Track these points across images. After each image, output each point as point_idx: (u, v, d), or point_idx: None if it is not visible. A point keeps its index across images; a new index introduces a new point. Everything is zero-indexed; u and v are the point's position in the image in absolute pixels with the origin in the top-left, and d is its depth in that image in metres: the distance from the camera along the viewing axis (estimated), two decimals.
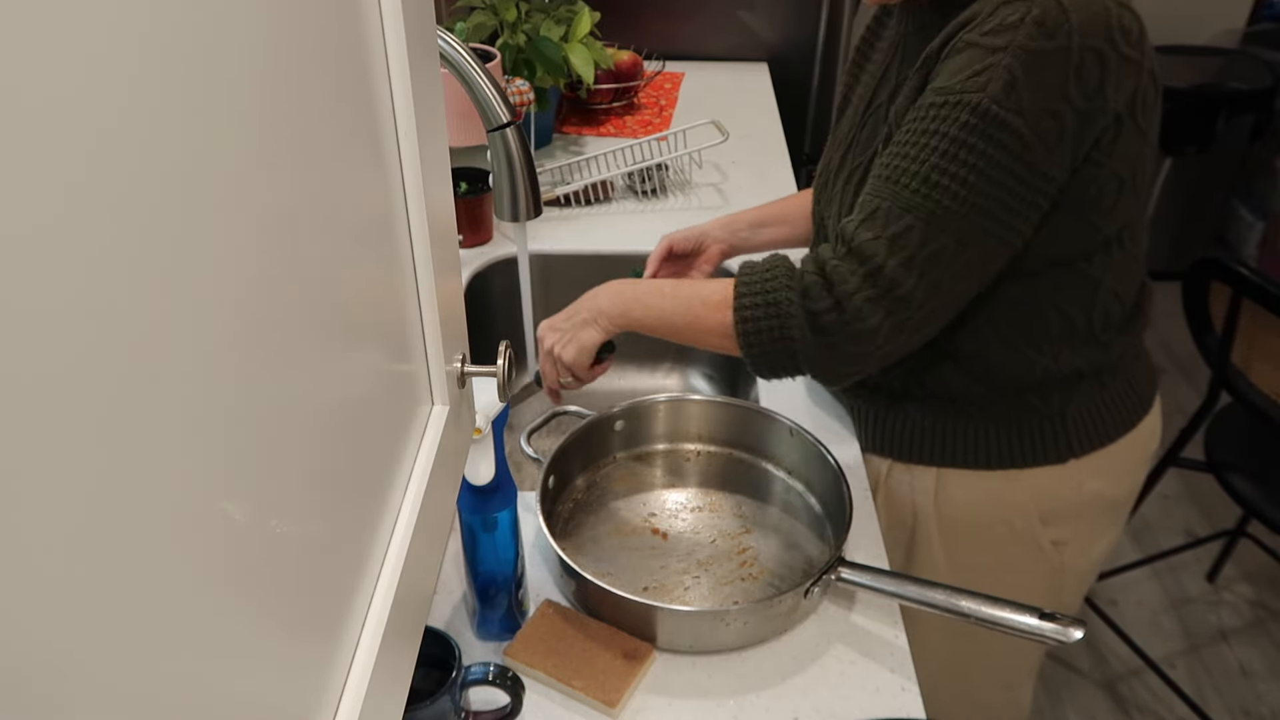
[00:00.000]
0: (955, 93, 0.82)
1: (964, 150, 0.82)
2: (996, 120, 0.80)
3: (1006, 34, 0.80)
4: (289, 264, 0.35)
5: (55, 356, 0.22)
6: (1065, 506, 1.07)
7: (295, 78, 0.36)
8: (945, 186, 0.82)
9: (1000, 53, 0.80)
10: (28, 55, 0.21)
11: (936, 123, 0.83)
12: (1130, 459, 1.09)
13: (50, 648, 0.22)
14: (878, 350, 0.88)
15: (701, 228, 1.24)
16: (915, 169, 0.84)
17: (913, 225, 0.84)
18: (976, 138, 0.81)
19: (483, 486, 0.83)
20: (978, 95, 0.81)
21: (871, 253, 0.85)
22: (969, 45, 0.83)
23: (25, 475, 0.21)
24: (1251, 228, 3.03)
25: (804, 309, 0.88)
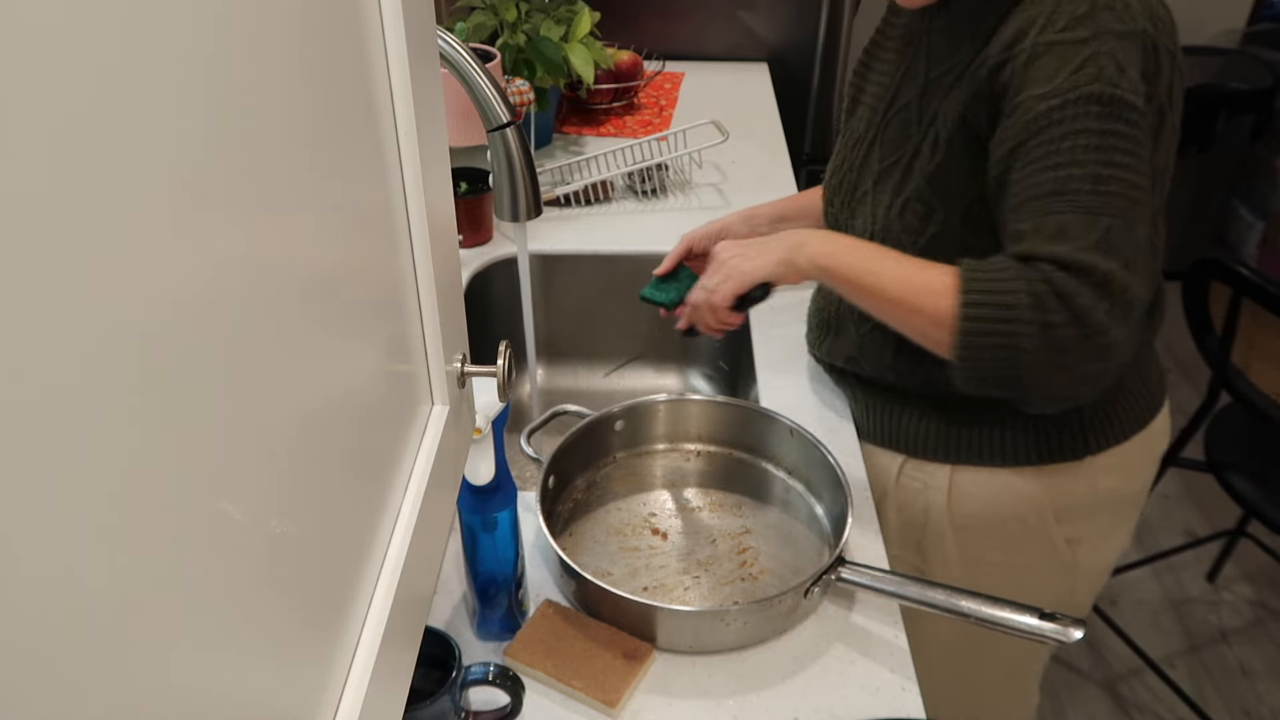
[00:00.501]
0: (1068, 91, 0.81)
1: (1112, 138, 0.81)
2: (1123, 102, 0.81)
3: (1087, 24, 0.81)
4: (288, 264, 0.35)
5: (55, 357, 0.22)
6: (1080, 504, 1.06)
7: (295, 78, 0.36)
8: (1118, 178, 0.81)
9: (1091, 42, 0.81)
10: (28, 56, 0.21)
11: (1069, 124, 0.81)
12: (1143, 456, 1.09)
13: (50, 648, 0.22)
14: (1113, 366, 0.84)
15: (721, 222, 1.23)
16: (1080, 173, 0.81)
17: (1110, 226, 0.81)
18: (1117, 123, 0.81)
19: (483, 486, 0.83)
20: (1096, 85, 0.80)
21: (1090, 263, 0.81)
22: (1050, 46, 0.83)
23: (25, 476, 0.21)
24: (1251, 228, 3.03)
25: (1039, 319, 0.82)
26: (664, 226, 1.55)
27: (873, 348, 1.08)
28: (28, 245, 0.21)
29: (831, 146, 2.20)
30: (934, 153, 0.93)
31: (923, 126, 0.95)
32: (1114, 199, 0.81)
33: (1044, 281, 0.82)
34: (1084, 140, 0.81)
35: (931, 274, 0.89)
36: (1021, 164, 0.85)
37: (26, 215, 0.21)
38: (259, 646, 0.33)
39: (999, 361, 0.85)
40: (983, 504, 1.06)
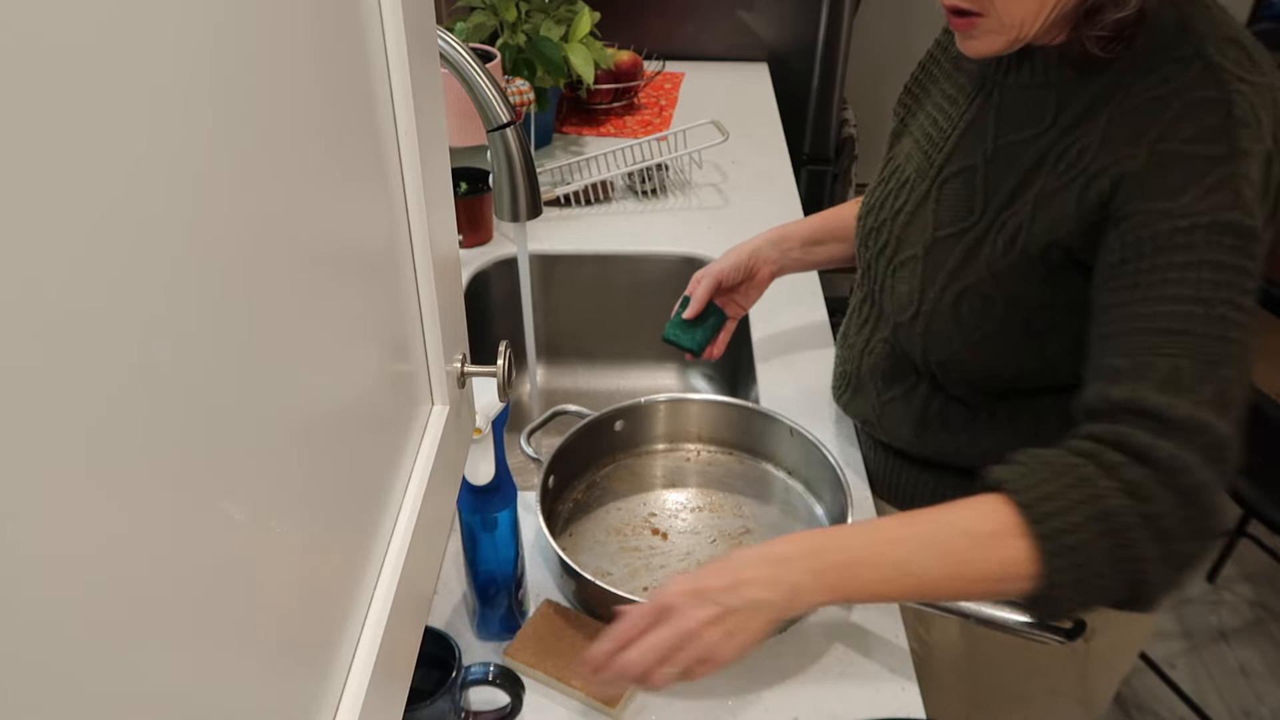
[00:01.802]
0: (1201, 213, 0.70)
1: (1241, 276, 0.71)
2: (1254, 235, 0.71)
3: (1221, 141, 0.71)
4: (288, 264, 0.35)
5: (55, 357, 0.22)
6: None
7: (294, 79, 0.36)
8: (1242, 323, 0.70)
9: (1228, 162, 0.70)
10: (31, 63, 0.21)
11: (1198, 251, 0.70)
12: None
13: (50, 648, 0.22)
14: (1217, 533, 0.72)
15: (749, 247, 1.13)
16: (1202, 310, 0.70)
17: (1229, 377, 0.71)
18: (1245, 259, 0.71)
19: (483, 486, 0.83)
20: (1235, 213, 0.70)
21: (1204, 423, 0.69)
22: (1176, 155, 0.72)
23: (25, 478, 0.21)
24: None
25: (1143, 518, 0.68)
26: (664, 226, 1.55)
27: (891, 417, 1.01)
28: (27, 244, 0.21)
29: (831, 147, 2.18)
30: (1009, 248, 0.82)
31: (991, 206, 0.84)
32: (1235, 346, 0.70)
33: (1138, 463, 0.69)
34: (1211, 274, 0.70)
35: (969, 519, 0.71)
36: (1128, 286, 0.73)
37: (27, 214, 0.21)
38: (259, 646, 0.33)
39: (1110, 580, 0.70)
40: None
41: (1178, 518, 0.68)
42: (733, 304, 1.17)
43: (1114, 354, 0.73)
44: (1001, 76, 0.85)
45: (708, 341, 1.15)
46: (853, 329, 1.06)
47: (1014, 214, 0.82)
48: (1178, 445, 0.68)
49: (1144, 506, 0.68)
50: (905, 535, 0.72)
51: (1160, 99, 0.73)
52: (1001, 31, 0.77)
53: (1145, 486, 0.68)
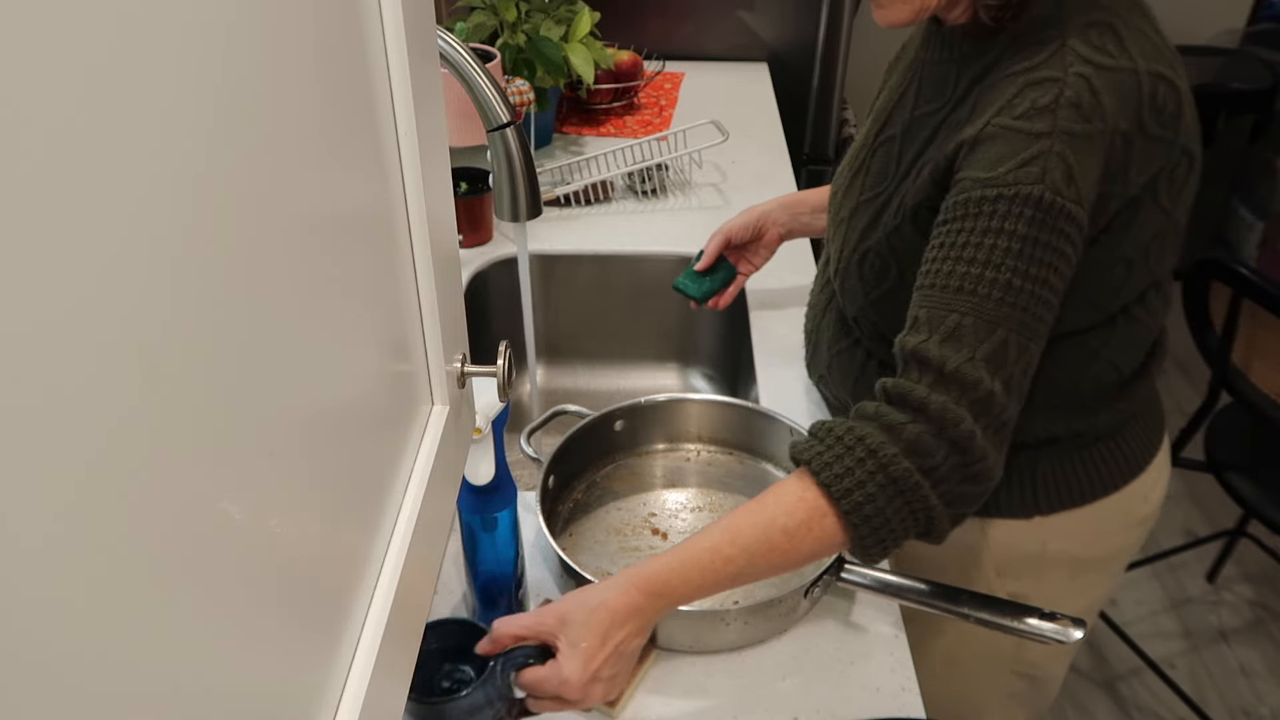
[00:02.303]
0: (1009, 184, 0.76)
1: (1038, 249, 0.76)
2: (1062, 212, 0.75)
3: (1045, 118, 0.76)
4: (289, 265, 0.35)
5: (55, 357, 0.22)
6: (1025, 561, 1.01)
7: (295, 78, 0.36)
8: (1029, 291, 0.76)
9: (1045, 138, 0.75)
10: (37, 59, 0.21)
11: (999, 220, 0.76)
12: (1112, 522, 1.01)
13: (50, 648, 0.22)
14: (992, 480, 0.79)
15: (761, 209, 1.19)
16: (993, 275, 0.76)
17: (1006, 340, 0.76)
18: (1048, 233, 0.76)
19: (483, 486, 0.83)
20: (1037, 187, 0.75)
21: (974, 378, 0.76)
22: (1004, 130, 0.77)
23: (26, 476, 0.21)
24: (1251, 228, 3.03)
25: (921, 470, 0.76)
26: (664, 226, 1.55)
27: (836, 373, 1.05)
28: (27, 243, 0.21)
29: (831, 147, 2.20)
30: (897, 213, 0.88)
31: (898, 172, 0.90)
32: (1016, 311, 0.76)
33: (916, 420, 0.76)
34: (1005, 242, 0.76)
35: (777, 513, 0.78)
36: (939, 245, 0.80)
37: (26, 213, 0.21)
38: (259, 646, 0.33)
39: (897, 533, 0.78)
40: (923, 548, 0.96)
41: (950, 464, 0.76)
42: (744, 261, 1.24)
43: (918, 305, 0.80)
44: (925, 55, 0.92)
45: (713, 293, 1.22)
46: (815, 289, 1.12)
47: (909, 182, 0.88)
48: (951, 398, 0.76)
49: (923, 461, 0.76)
50: (735, 552, 0.78)
51: (1011, 76, 0.80)
52: (907, 1, 0.82)
53: (923, 441, 0.76)
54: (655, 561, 0.79)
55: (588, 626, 0.76)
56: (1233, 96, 2.84)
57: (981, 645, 1.09)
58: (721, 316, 1.48)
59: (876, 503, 0.76)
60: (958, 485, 0.77)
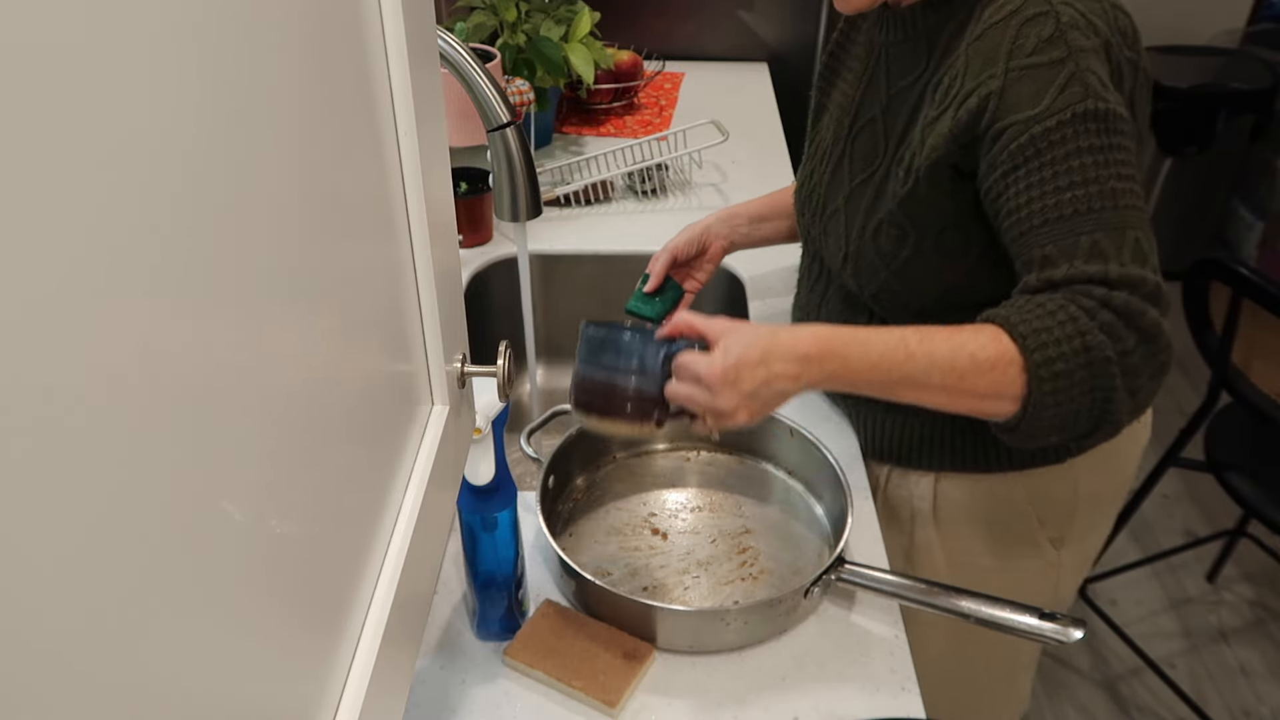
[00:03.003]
0: (1062, 110, 0.80)
1: (1115, 152, 0.80)
2: (1115, 115, 0.80)
3: (1057, 45, 0.80)
4: (288, 265, 0.35)
5: (55, 357, 0.22)
6: (1061, 505, 1.07)
7: (295, 78, 0.36)
8: (1129, 190, 0.81)
9: (1068, 62, 0.80)
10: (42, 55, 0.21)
11: (1071, 143, 0.80)
12: (1127, 454, 1.09)
13: (49, 648, 0.22)
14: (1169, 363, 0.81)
15: (702, 225, 1.21)
16: (1098, 190, 0.80)
17: (1138, 239, 0.80)
18: (1115, 136, 0.80)
19: (483, 486, 0.83)
20: (1089, 101, 0.79)
21: (1140, 277, 0.79)
22: (1025, 70, 0.81)
23: (26, 476, 0.21)
24: (1251, 228, 3.03)
25: (1118, 349, 0.78)
26: (664, 226, 1.55)
27: None
28: (27, 241, 0.21)
29: None
30: (906, 178, 0.91)
31: (890, 146, 0.94)
32: (1132, 211, 0.80)
33: (1105, 308, 0.78)
34: (1091, 158, 0.80)
35: (978, 343, 0.80)
36: (1023, 189, 0.82)
37: (29, 212, 0.21)
38: (259, 646, 0.33)
39: (1082, 409, 0.79)
40: (967, 510, 1.07)
41: (1141, 353, 0.78)
42: (690, 279, 1.25)
43: (1037, 245, 0.82)
44: (884, 39, 0.97)
45: (666, 313, 1.22)
46: (803, 291, 1.15)
47: (907, 147, 0.92)
48: (1129, 295, 0.78)
49: (1117, 345, 0.78)
50: (920, 351, 0.80)
51: (1001, 22, 0.84)
52: None
53: (1115, 327, 0.78)
54: (838, 326, 0.82)
55: (752, 343, 0.79)
56: (1233, 96, 2.84)
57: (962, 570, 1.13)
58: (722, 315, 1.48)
59: (1068, 365, 0.77)
60: (1146, 378, 0.80)
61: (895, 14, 0.94)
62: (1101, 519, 1.13)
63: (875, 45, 0.98)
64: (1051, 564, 1.11)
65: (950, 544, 1.10)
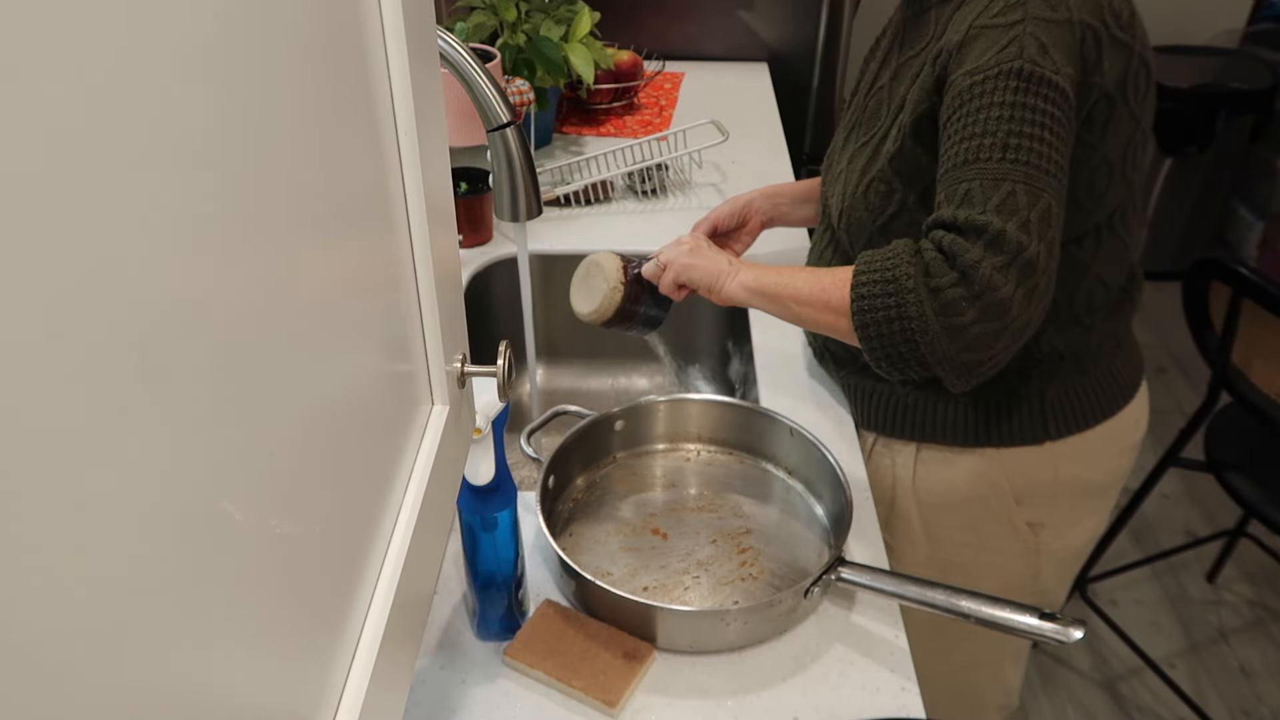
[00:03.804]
0: (991, 67, 0.85)
1: (1027, 111, 0.83)
2: (1042, 79, 0.83)
3: (1017, 10, 0.85)
4: (288, 264, 0.35)
5: (56, 357, 0.22)
6: (1040, 487, 1.09)
7: (295, 78, 0.36)
8: (1027, 147, 0.83)
9: (1018, 25, 0.85)
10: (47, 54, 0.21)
11: (987, 96, 0.85)
12: (1111, 446, 1.10)
13: (49, 647, 0.22)
14: (1011, 325, 0.84)
15: (744, 198, 1.26)
16: (990, 141, 0.84)
17: (1014, 189, 0.83)
18: (1033, 98, 0.83)
19: (483, 486, 0.83)
20: (1016, 62, 0.83)
21: (985, 223, 0.83)
22: (983, 29, 0.87)
23: (26, 474, 0.21)
24: (1251, 228, 3.03)
25: (925, 285, 0.85)
26: (664, 226, 1.55)
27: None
28: (27, 240, 0.21)
29: None
30: (897, 136, 0.96)
31: (891, 110, 0.99)
32: (1019, 166, 0.83)
33: (933, 248, 0.85)
34: (996, 112, 0.84)
35: (837, 272, 0.93)
36: (946, 138, 0.88)
37: (29, 209, 0.21)
38: (259, 646, 0.33)
39: (895, 336, 0.87)
40: (945, 482, 1.09)
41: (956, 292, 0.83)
42: (728, 249, 1.28)
43: (941, 189, 0.88)
44: (901, 14, 1.04)
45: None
46: (813, 258, 1.19)
47: (902, 111, 0.97)
48: (964, 239, 0.83)
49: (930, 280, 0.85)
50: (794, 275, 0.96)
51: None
52: None
53: (935, 263, 0.85)
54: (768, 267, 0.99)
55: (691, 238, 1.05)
56: (1233, 96, 2.84)
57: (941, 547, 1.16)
58: (722, 317, 1.48)
59: (874, 289, 0.88)
60: (971, 320, 0.83)
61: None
62: (1088, 509, 1.14)
63: (894, 24, 1.05)
64: (1030, 549, 1.13)
65: (928, 517, 1.13)
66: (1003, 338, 0.84)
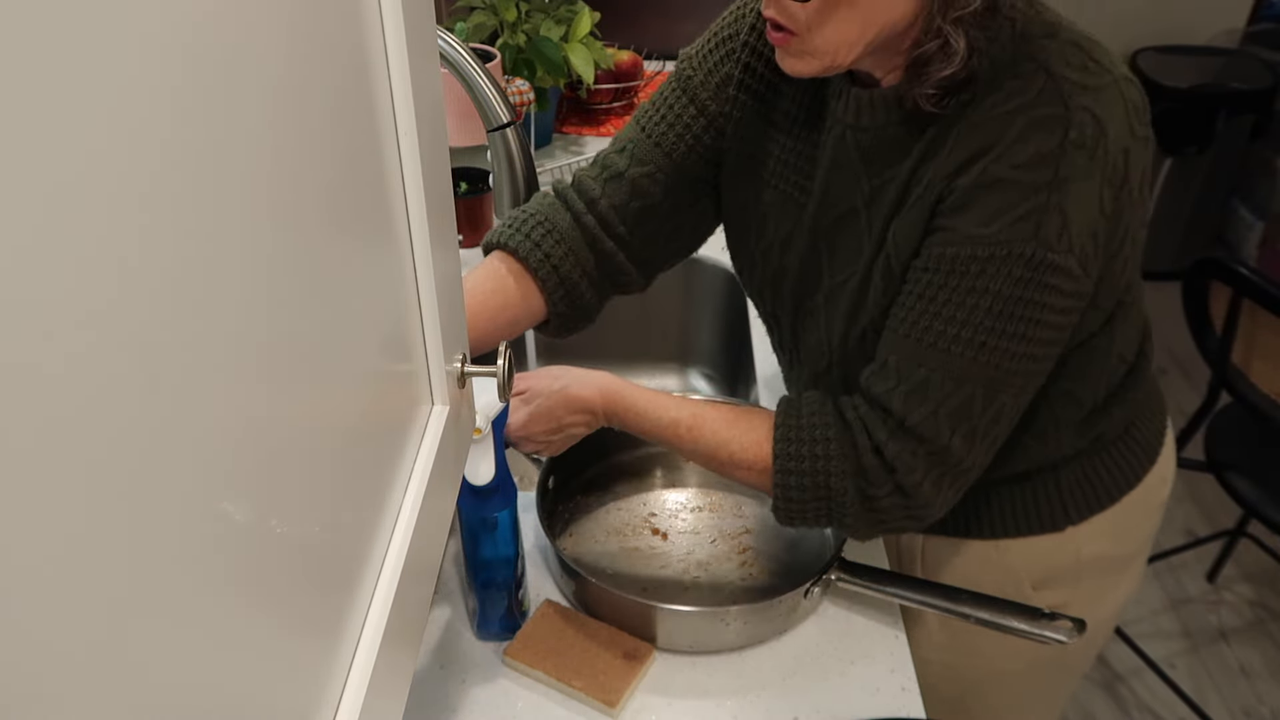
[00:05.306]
0: (1000, 244, 0.73)
1: (1019, 306, 0.74)
2: (1051, 267, 0.73)
3: (1047, 168, 0.72)
4: (289, 266, 0.35)
5: (56, 357, 0.22)
6: (1062, 572, 1.00)
7: (295, 78, 0.36)
8: (1004, 349, 0.75)
9: (1044, 191, 0.72)
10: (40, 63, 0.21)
11: (984, 280, 0.74)
12: (1136, 514, 1.01)
13: (50, 647, 0.22)
14: (931, 518, 0.82)
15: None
16: (967, 335, 0.75)
17: (972, 395, 0.77)
18: (1032, 290, 0.74)
19: (483, 487, 0.83)
20: (1030, 245, 0.72)
21: (932, 434, 0.77)
22: (999, 182, 0.73)
23: (27, 474, 0.21)
24: (1251, 228, 3.03)
25: (861, 494, 0.81)
26: None
27: None
28: (28, 243, 0.21)
29: None
30: (887, 284, 0.82)
31: (871, 245, 0.84)
32: (987, 369, 0.76)
33: (875, 453, 0.79)
34: (986, 301, 0.74)
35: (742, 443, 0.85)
36: (919, 292, 0.78)
37: (29, 218, 0.21)
38: (259, 646, 0.33)
39: (815, 519, 0.84)
40: (957, 572, 1.01)
41: (891, 502, 0.80)
42: None
43: (889, 348, 0.80)
44: (854, 120, 0.83)
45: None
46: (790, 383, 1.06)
47: (886, 248, 0.82)
48: (907, 449, 0.78)
49: (867, 489, 0.80)
50: (688, 439, 0.87)
51: (1006, 115, 0.74)
52: (815, 55, 0.76)
53: (874, 474, 0.80)
54: (632, 387, 0.90)
55: (545, 397, 0.90)
56: (1233, 96, 2.84)
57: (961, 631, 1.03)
58: (721, 317, 1.48)
59: (804, 496, 0.82)
60: (898, 518, 0.82)
61: (869, 95, 0.81)
62: (1114, 583, 1.04)
63: (836, 121, 0.85)
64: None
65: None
66: (918, 525, 0.84)
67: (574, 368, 0.92)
